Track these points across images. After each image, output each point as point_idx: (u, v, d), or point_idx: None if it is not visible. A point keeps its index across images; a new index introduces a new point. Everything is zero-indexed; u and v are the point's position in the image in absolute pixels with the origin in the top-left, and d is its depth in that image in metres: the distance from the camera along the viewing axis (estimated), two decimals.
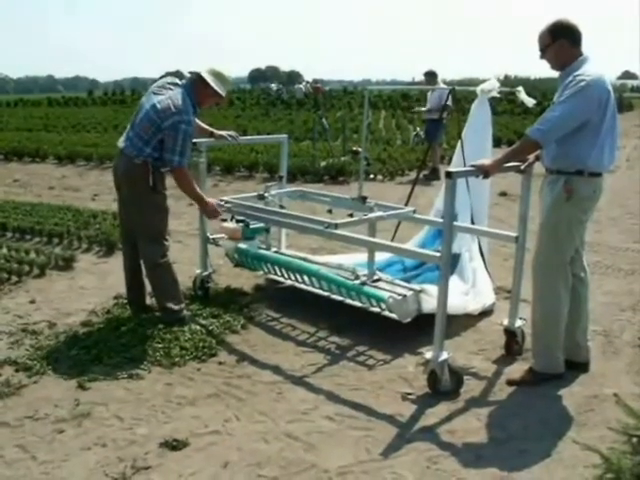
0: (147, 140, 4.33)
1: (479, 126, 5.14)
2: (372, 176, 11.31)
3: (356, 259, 5.27)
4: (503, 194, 9.31)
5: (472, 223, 4.97)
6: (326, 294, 4.87)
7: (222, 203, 4.84)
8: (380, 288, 4.57)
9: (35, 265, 5.85)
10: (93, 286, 5.57)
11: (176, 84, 4.48)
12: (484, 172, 3.58)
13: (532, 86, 30.85)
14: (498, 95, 5.23)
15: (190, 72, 4.56)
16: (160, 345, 4.24)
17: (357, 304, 4.65)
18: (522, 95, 4.79)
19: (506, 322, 4.21)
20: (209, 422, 3.42)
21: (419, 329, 4.33)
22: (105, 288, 5.44)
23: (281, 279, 5.29)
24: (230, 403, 3.62)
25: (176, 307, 4.58)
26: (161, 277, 4.59)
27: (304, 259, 5.27)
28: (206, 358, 4.17)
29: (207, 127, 5.11)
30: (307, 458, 3.10)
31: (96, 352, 4.15)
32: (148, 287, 4.79)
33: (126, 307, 4.89)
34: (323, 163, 11.88)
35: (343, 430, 3.36)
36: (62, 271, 5.96)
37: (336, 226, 4.18)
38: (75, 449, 3.17)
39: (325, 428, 3.37)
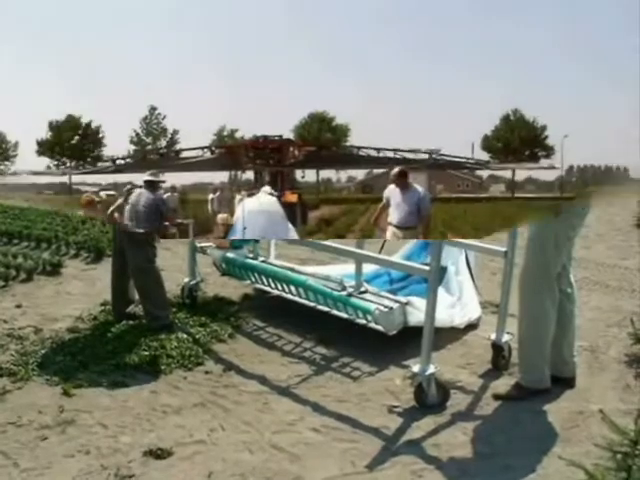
0: None
1: None
2: None
3: (344, 270, 5.27)
4: None
5: None
6: (313, 305, 4.87)
7: None
8: (367, 300, 4.57)
9: (22, 270, 5.82)
10: (80, 292, 5.55)
11: None
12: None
13: None
14: None
15: None
16: (146, 353, 4.22)
17: (344, 315, 4.65)
18: None
19: (493, 336, 4.22)
20: (194, 431, 3.40)
21: (405, 341, 4.33)
22: (92, 294, 5.42)
23: (268, 289, 5.28)
24: (216, 413, 3.60)
25: (161, 313, 4.57)
26: (147, 283, 4.58)
27: (291, 269, 5.26)
28: (192, 367, 4.15)
29: None
30: (292, 469, 3.09)
31: (82, 359, 4.13)
32: (136, 294, 4.77)
33: (112, 313, 4.86)
34: None
35: (328, 442, 3.34)
36: (49, 276, 5.93)
37: None
38: (58, 456, 3.14)
39: (310, 440, 3.36)
